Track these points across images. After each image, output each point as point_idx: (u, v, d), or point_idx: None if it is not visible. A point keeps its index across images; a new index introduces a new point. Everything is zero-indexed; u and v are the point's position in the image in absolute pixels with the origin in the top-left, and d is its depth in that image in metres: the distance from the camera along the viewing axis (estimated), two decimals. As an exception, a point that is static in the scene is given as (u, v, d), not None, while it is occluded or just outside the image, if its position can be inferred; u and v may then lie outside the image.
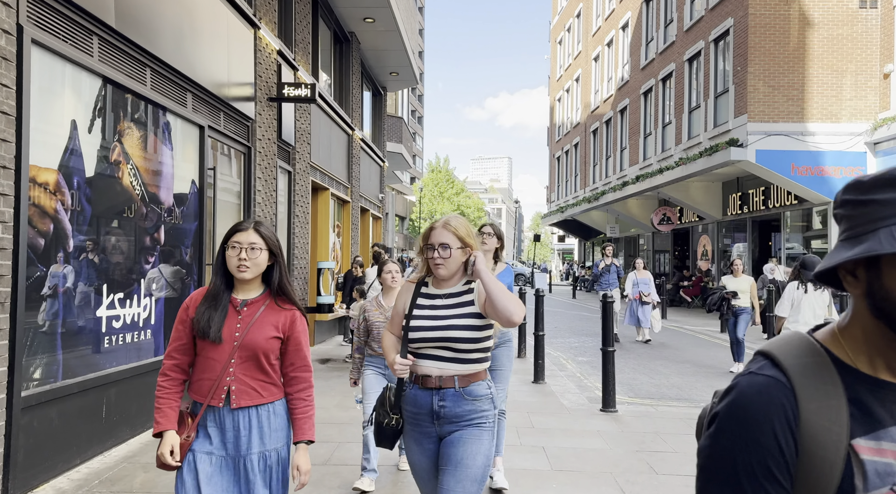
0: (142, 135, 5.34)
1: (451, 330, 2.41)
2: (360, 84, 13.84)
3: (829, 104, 14.93)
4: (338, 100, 12.29)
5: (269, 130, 8.07)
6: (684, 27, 19.18)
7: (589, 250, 37.86)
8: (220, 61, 6.69)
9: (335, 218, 12.00)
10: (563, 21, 35.50)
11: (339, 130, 11.88)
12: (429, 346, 2.42)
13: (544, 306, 8.57)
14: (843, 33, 14.93)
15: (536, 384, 7.84)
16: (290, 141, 8.78)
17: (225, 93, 6.80)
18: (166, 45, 5.59)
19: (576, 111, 32.66)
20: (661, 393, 7.68)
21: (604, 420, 6.07)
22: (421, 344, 2.43)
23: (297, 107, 9.13)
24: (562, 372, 8.87)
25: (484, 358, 2.48)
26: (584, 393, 7.50)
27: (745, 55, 15.27)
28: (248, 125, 7.52)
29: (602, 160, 27.69)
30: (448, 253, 2.44)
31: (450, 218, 2.50)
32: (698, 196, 20.03)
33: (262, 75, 7.80)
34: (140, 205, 5.30)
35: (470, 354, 2.42)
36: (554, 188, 37.90)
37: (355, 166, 13.03)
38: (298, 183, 9.22)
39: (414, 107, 74.53)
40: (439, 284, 2.52)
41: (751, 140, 14.91)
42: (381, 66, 15.03)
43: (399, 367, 2.37)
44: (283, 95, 7.94)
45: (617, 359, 9.77)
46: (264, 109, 7.88)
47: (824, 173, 14.81)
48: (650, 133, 22.04)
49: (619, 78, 25.51)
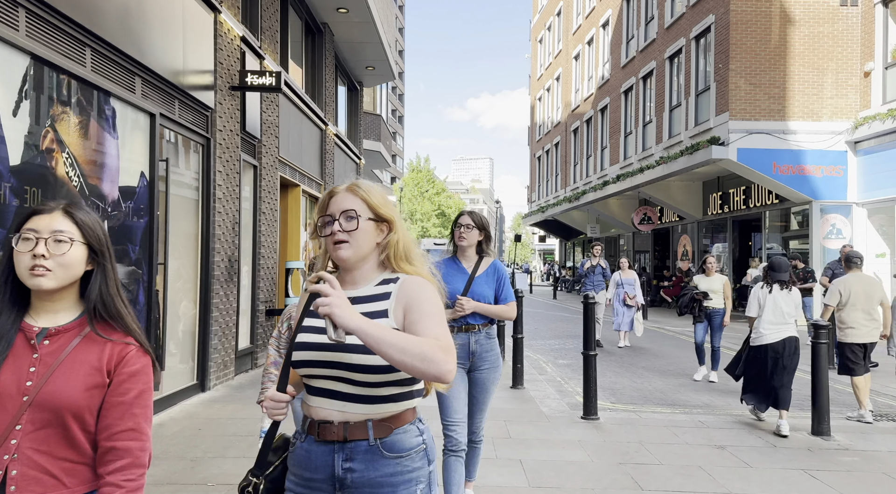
0: (81, 121, 4.86)
1: (348, 353, 1.56)
2: (335, 78, 13.38)
3: (810, 102, 14.80)
4: (310, 94, 11.82)
5: (232, 121, 7.60)
6: (665, 24, 18.99)
7: (570, 250, 37.69)
8: (175, 45, 6.21)
9: (307, 215, 11.52)
10: (544, 19, 35.30)
11: (311, 124, 11.41)
12: (320, 376, 1.63)
13: (526, 308, 8.22)
14: (824, 31, 14.82)
15: (515, 389, 7.47)
16: (255, 133, 8.31)
17: (180, 80, 6.32)
18: (110, 23, 5.11)
19: (556, 110, 32.46)
20: (645, 397, 7.35)
21: (585, 429, 5.71)
22: (309, 372, 1.64)
23: (264, 99, 8.66)
24: (541, 376, 8.51)
25: (408, 394, 1.67)
26: (564, 398, 7.15)
27: (726, 52, 15.08)
28: (208, 115, 7.04)
29: (583, 159, 27.48)
30: (354, 224, 1.65)
31: (359, 181, 1.75)
32: (679, 195, 19.86)
33: (224, 62, 7.33)
34: (78, 197, 4.82)
35: (381, 389, 1.61)
36: (535, 188, 37.68)
37: (329, 162, 12.56)
38: (265, 178, 8.75)
39: (394, 106, 74.02)
40: (343, 282, 1.72)
41: (732, 138, 14.72)
42: (357, 59, 14.58)
43: (269, 405, 1.58)
44: (246, 84, 7.47)
45: (598, 362, 9.43)
46: (226, 99, 7.40)
47: (805, 172, 14.67)
48: (631, 132, 21.85)
49: (600, 76, 25.31)
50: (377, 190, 1.73)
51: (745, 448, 5.19)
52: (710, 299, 8.26)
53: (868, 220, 14.59)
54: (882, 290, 6.32)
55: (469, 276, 3.54)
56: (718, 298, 8.29)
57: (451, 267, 3.61)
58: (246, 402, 6.51)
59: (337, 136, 13.34)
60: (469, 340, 3.52)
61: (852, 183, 14.68)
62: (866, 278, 6.36)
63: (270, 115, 8.92)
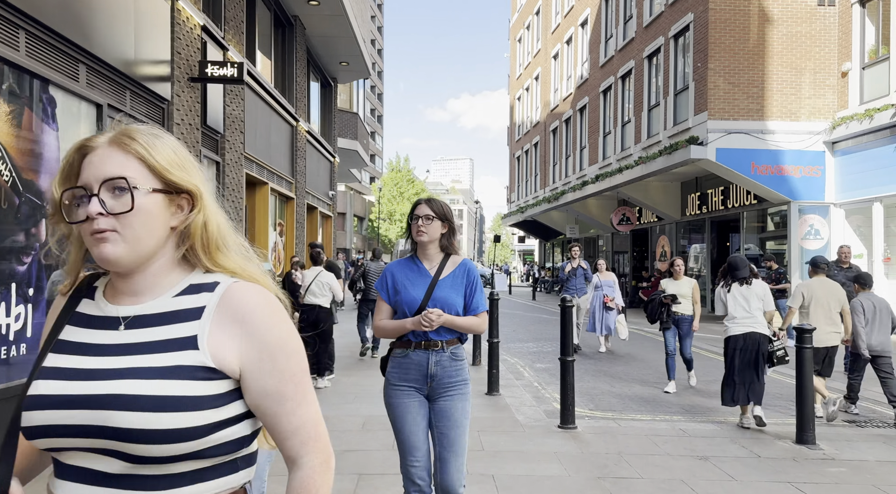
0: (13, 110, 4.44)
1: (116, 410, 0.94)
2: (306, 73, 12.98)
3: (788, 102, 14.74)
4: (280, 89, 11.42)
5: (191, 115, 7.19)
6: (644, 23, 18.87)
7: (549, 251, 37.59)
8: (125, 32, 5.80)
9: (277, 215, 11.11)
10: (523, 18, 35.14)
11: (280, 120, 11.01)
12: (72, 449, 0.97)
13: (504, 308, 7.93)
14: (802, 31, 14.77)
15: (490, 395, 7.16)
16: (217, 128, 7.91)
17: (132, 70, 5.92)
18: (49, 6, 4.70)
19: (535, 110, 32.30)
20: (624, 404, 7.09)
21: (562, 439, 5.42)
22: (54, 444, 0.98)
23: (228, 92, 8.25)
24: (518, 381, 8.22)
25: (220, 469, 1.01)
26: (541, 405, 6.86)
27: (705, 51, 14.96)
28: (164, 107, 6.63)
29: (562, 159, 27.34)
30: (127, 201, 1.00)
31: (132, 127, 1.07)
32: (657, 196, 19.76)
33: (182, 52, 6.92)
34: (10, 193, 4.40)
35: (171, 465, 0.96)
36: (514, 188, 37.52)
37: (300, 160, 12.16)
38: (229, 175, 8.34)
39: (373, 105, 73.50)
40: (118, 292, 1.06)
41: (711, 138, 14.60)
42: (330, 54, 14.19)
43: None
44: (206, 75, 7.07)
45: (576, 367, 9.18)
46: (184, 90, 6.99)
47: (784, 172, 14.60)
48: (609, 132, 21.72)
49: (579, 76, 25.18)
50: (166, 142, 1.06)
51: (728, 460, 4.94)
52: (678, 303, 7.64)
53: (846, 221, 14.57)
54: (843, 295, 6.39)
55: (431, 280, 2.89)
56: (687, 303, 7.68)
57: (409, 270, 2.97)
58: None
59: (309, 133, 12.94)
60: (428, 360, 2.86)
61: (830, 183, 14.65)
62: (829, 283, 6.48)
63: (235, 109, 8.51)
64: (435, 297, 2.86)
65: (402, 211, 59.87)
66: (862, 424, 6.14)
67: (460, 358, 2.95)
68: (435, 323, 2.77)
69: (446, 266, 2.95)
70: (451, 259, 2.98)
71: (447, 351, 2.89)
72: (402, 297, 2.88)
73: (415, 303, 2.87)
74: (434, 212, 2.93)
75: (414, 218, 2.94)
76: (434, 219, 2.92)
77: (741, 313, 5.94)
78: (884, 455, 5.06)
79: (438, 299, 2.86)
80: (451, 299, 2.87)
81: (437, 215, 2.93)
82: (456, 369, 2.90)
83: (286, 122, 11.36)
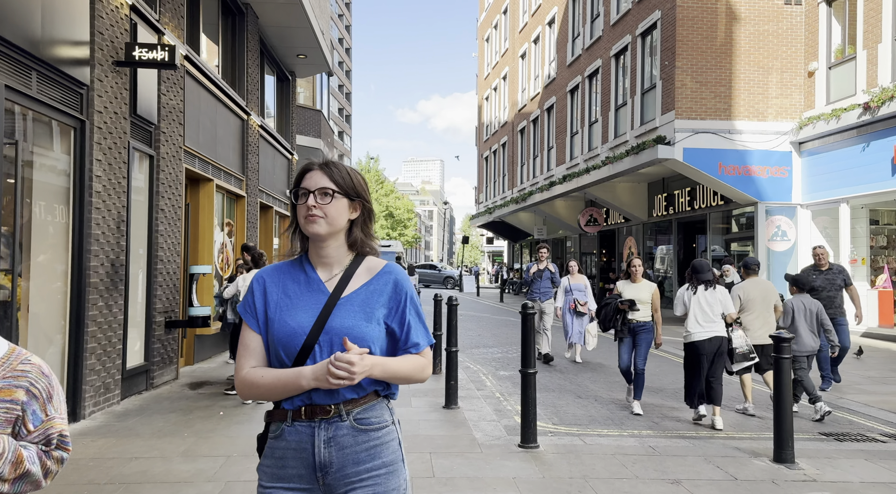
0: None
1: None
2: (259, 64, 12.28)
3: (755, 102, 14.56)
4: (229, 80, 10.71)
5: (118, 103, 6.49)
6: (611, 21, 18.60)
7: (518, 253, 37.28)
8: (30, 6, 5.11)
9: (224, 214, 10.40)
10: (491, 18, 34.79)
11: (228, 113, 10.30)
12: None
13: (470, 311, 7.44)
14: (769, 29, 14.62)
15: (448, 409, 6.62)
16: (150, 118, 7.21)
17: (41, 50, 5.23)
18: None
19: (503, 110, 31.96)
20: (591, 416, 6.62)
21: (522, 462, 4.91)
22: None
23: (164, 79, 7.56)
24: (479, 392, 7.70)
25: None
26: (502, 419, 6.35)
27: (672, 49, 14.70)
28: (82, 92, 5.93)
29: (529, 160, 27.02)
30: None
31: None
32: (624, 197, 19.53)
33: (105, 33, 6.22)
34: None
35: None
36: (482, 189, 37.14)
37: (252, 156, 11.46)
38: (164, 170, 7.63)
39: (342, 105, 72.51)
40: None
41: (678, 137, 14.34)
42: (287, 46, 13.50)
43: None
44: (134, 58, 6.38)
45: (542, 376, 8.70)
46: (108, 75, 6.30)
47: (751, 173, 14.42)
48: (577, 132, 21.43)
49: (546, 75, 24.88)
50: None
51: (703, 483, 4.49)
52: (636, 310, 6.68)
53: (812, 222, 14.46)
54: (776, 294, 6.75)
55: (328, 297, 1.73)
56: (646, 309, 6.72)
57: (292, 279, 1.79)
58: (123, 435, 5.44)
59: (263, 128, 12.25)
60: (313, 440, 1.69)
61: (797, 184, 14.52)
62: (763, 283, 6.78)
63: (172, 99, 7.81)
64: (331, 327, 1.69)
65: (369, 211, 58.98)
66: (840, 437, 5.78)
67: (377, 425, 1.73)
68: (356, 376, 1.59)
69: (356, 274, 1.77)
70: (365, 263, 1.80)
71: (348, 418, 1.70)
72: (275, 327, 1.71)
73: (295, 337, 1.68)
74: (335, 184, 1.73)
75: (302, 193, 1.73)
76: (335, 194, 1.72)
77: (705, 318, 6.04)
78: (867, 476, 4.67)
79: (336, 330, 1.69)
80: (358, 329, 1.69)
81: (340, 188, 1.74)
82: (368, 448, 1.70)
83: (235, 116, 10.65)
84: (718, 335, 6.03)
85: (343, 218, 1.76)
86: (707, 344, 6.00)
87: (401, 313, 1.76)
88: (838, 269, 7.91)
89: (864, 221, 13.36)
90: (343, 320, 1.70)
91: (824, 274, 7.79)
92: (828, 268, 7.82)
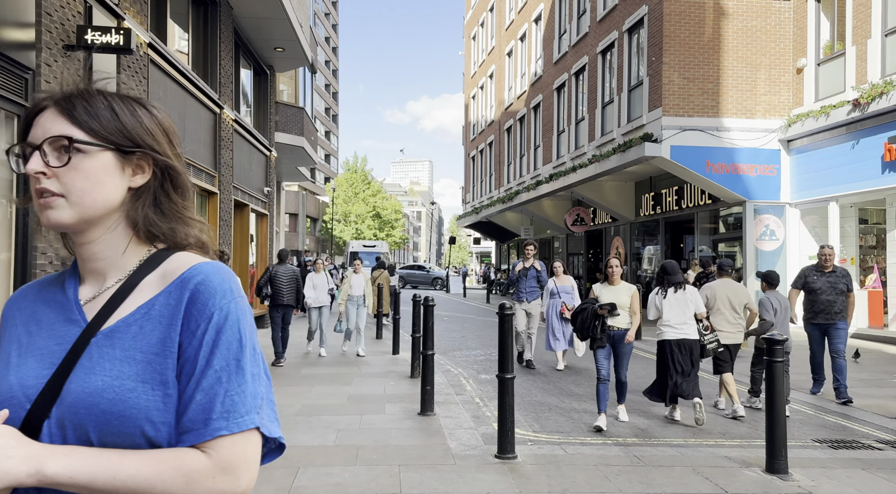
0: None
1: None
2: (234, 57, 11.86)
3: (743, 99, 14.33)
4: (200, 72, 10.29)
5: (69, 90, 6.07)
6: (598, 17, 18.33)
7: (506, 253, 36.99)
8: (-36, -22, 4.70)
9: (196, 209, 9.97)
10: (477, 16, 34.50)
11: (199, 106, 9.89)
12: None
13: (455, 312, 7.09)
14: (758, 25, 14.39)
15: (423, 416, 6.26)
16: (108, 108, 6.78)
17: (-23, 27, 4.81)
18: None
19: (490, 109, 31.66)
20: (573, 423, 6.28)
21: (498, 474, 4.55)
22: None
23: (126, 67, 7.14)
24: (458, 397, 7.35)
25: None
26: (480, 427, 6.00)
27: (659, 45, 14.44)
28: (27, 78, 5.52)
29: (516, 159, 26.73)
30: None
31: None
32: (611, 196, 19.27)
33: (54, 14, 5.81)
34: None
35: None
36: (469, 189, 36.82)
37: (225, 151, 11.04)
38: (125, 163, 7.21)
39: (328, 104, 71.94)
40: None
41: (665, 135, 14.07)
42: (264, 39, 13.10)
43: None
44: (86, 42, 5.97)
45: (524, 379, 8.37)
46: (58, 60, 5.88)
47: (739, 171, 14.18)
48: (564, 130, 21.15)
49: (533, 73, 24.59)
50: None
51: (691, 498, 4.16)
52: (616, 315, 6.18)
53: (801, 221, 14.24)
54: (748, 296, 6.77)
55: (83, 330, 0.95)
56: (626, 314, 6.26)
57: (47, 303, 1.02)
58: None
59: (237, 122, 11.83)
60: None
61: (785, 182, 14.30)
62: (732, 284, 6.81)
63: (134, 88, 7.40)
64: (68, 391, 0.91)
65: (357, 211, 58.51)
66: (834, 444, 5.48)
67: None
68: None
69: (142, 285, 0.97)
70: (165, 265, 0.99)
71: None
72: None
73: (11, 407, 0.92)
74: (83, 128, 0.95)
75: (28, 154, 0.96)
76: (83, 147, 0.94)
77: (677, 319, 6.08)
78: (866, 487, 4.36)
79: (74, 396, 0.90)
80: (115, 395, 0.89)
81: (93, 134, 0.95)
82: None
83: (207, 109, 10.24)
84: (690, 336, 6.07)
85: (105, 188, 0.95)
86: (679, 344, 6.05)
87: (192, 358, 0.91)
88: (842, 273, 7.25)
89: (854, 220, 13.15)
90: (89, 378, 0.90)
91: (826, 276, 7.19)
92: (831, 271, 7.21)
